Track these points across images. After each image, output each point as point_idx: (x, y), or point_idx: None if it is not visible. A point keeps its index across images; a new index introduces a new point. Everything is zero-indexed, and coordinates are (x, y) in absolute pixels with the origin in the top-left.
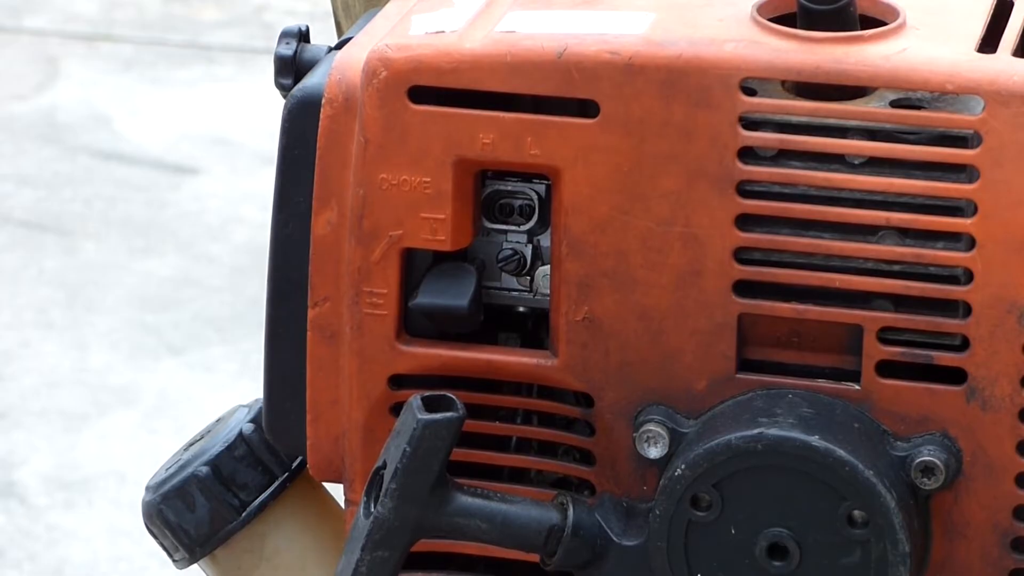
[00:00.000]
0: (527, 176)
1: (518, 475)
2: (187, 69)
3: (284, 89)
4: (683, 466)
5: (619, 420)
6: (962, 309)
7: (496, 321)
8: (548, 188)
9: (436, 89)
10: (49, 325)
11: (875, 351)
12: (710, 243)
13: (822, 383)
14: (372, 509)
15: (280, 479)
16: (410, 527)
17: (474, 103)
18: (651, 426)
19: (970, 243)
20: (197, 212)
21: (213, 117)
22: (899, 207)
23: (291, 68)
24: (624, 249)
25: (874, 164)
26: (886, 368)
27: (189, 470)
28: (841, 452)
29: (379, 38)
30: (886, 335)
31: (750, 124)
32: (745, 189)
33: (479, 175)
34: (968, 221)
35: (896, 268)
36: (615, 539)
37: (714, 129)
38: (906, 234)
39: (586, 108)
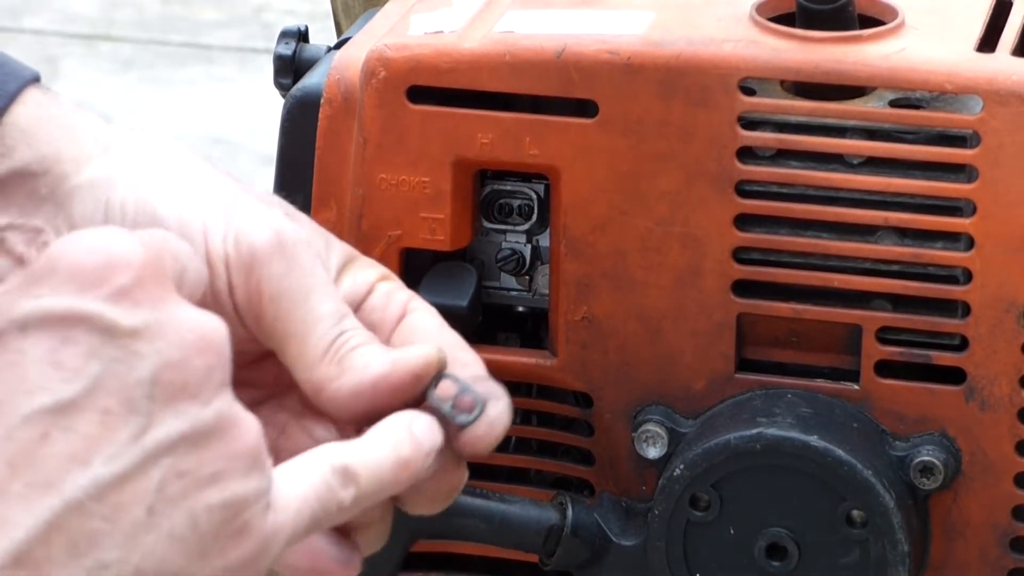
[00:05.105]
0: (526, 176)
1: (517, 475)
2: (187, 69)
3: (283, 89)
4: (682, 466)
5: (618, 420)
6: (961, 309)
7: (495, 321)
8: (547, 188)
9: (435, 89)
10: None
11: (874, 351)
12: (709, 243)
13: (821, 383)
14: None
15: None
16: (408, 527)
17: (473, 103)
18: (650, 426)
19: (969, 243)
20: None
21: (213, 117)
22: (898, 207)
23: (290, 68)
24: (623, 249)
25: (873, 164)
26: (885, 368)
27: None
28: (840, 452)
29: (378, 38)
30: (885, 335)
31: (749, 124)
32: (744, 189)
33: (478, 175)
34: (967, 221)
35: (895, 268)
36: (614, 539)
37: (713, 129)
38: (905, 234)
39: (585, 108)
